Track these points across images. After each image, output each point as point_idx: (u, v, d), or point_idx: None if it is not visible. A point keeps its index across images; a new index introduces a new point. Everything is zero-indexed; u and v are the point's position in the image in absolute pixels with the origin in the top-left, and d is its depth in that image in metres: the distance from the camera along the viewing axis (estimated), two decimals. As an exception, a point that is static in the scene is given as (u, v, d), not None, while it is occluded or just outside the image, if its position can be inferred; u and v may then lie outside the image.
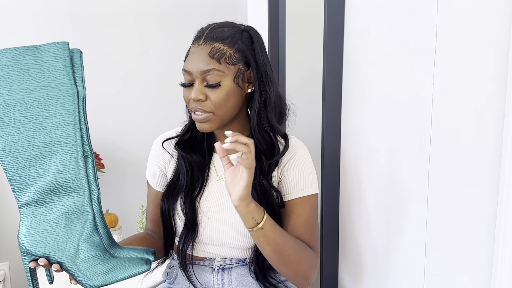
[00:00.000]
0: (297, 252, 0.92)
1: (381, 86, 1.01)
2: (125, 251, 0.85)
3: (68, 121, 0.78)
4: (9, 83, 0.75)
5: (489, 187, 0.73)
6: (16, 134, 0.77)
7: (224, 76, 0.92)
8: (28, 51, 0.76)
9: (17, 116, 0.76)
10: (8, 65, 0.75)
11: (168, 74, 1.86)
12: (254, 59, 0.95)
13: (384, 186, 1.02)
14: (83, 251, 0.80)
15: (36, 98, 0.77)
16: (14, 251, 1.78)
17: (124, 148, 1.86)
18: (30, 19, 1.70)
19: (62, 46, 0.78)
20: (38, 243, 0.79)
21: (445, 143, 0.82)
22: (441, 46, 0.81)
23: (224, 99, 0.92)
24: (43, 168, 0.78)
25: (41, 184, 0.78)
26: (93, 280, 0.80)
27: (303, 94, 1.71)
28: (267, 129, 0.98)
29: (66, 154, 0.79)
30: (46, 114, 0.77)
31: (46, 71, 0.77)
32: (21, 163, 0.77)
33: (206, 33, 0.94)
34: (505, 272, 0.70)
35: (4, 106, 0.76)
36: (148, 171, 1.09)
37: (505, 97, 0.68)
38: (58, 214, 0.79)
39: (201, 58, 0.92)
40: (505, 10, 0.68)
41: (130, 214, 1.82)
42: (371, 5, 1.03)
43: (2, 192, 1.71)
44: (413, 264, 0.94)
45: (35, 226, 0.79)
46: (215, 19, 1.04)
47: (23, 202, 0.79)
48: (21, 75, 0.76)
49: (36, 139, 0.77)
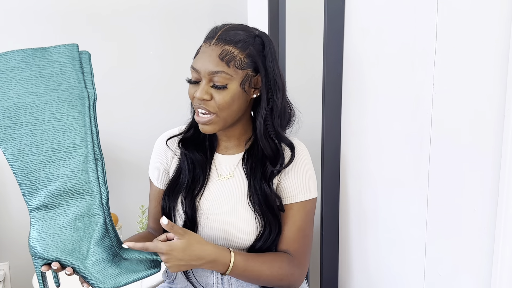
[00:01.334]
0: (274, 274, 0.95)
1: (381, 86, 1.01)
2: (133, 253, 0.85)
3: (79, 124, 0.77)
4: (18, 86, 0.74)
5: (489, 187, 0.73)
6: (27, 138, 0.75)
7: (231, 80, 0.92)
8: (38, 53, 0.75)
9: (28, 119, 0.75)
10: (17, 67, 0.74)
11: (168, 74, 1.86)
12: (264, 66, 0.95)
13: (384, 186, 1.02)
14: (95, 254, 0.80)
15: (47, 101, 0.75)
16: (14, 251, 1.78)
17: (124, 148, 1.86)
18: (32, 20, 1.69)
19: (72, 48, 0.77)
20: (50, 247, 0.78)
21: (445, 143, 0.82)
22: (441, 46, 0.81)
23: (228, 102, 0.92)
24: (54, 171, 0.77)
25: (52, 188, 0.77)
26: (105, 283, 0.80)
27: (303, 94, 1.71)
28: (273, 137, 0.98)
29: (78, 158, 0.78)
30: (57, 117, 0.76)
31: (57, 74, 0.76)
32: (32, 166, 0.76)
33: (219, 34, 0.94)
34: (505, 272, 0.70)
35: (15, 109, 0.74)
36: (150, 169, 1.09)
37: (505, 97, 0.68)
38: (69, 218, 0.78)
39: (211, 58, 0.92)
40: (505, 10, 0.68)
41: (130, 214, 1.82)
42: (371, 5, 1.03)
43: (2, 193, 1.71)
44: (413, 264, 0.94)
45: (47, 230, 0.78)
46: (215, 19, 1.04)
47: (34, 206, 0.77)
48: (31, 77, 0.74)
49: (47, 143, 0.76)
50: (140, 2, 1.81)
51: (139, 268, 0.83)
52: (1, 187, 1.71)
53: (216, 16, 1.87)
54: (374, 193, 1.07)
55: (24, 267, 1.77)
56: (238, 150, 1.03)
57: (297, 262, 0.98)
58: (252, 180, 0.98)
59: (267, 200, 0.97)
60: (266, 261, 0.94)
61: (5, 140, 0.75)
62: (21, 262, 1.78)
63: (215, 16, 1.88)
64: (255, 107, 1.00)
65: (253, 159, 0.99)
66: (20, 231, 1.76)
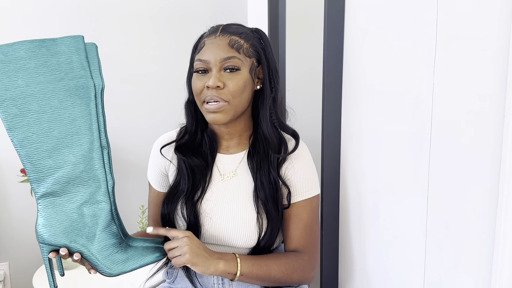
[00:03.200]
0: (285, 272, 0.94)
1: (381, 86, 1.01)
2: (138, 241, 0.86)
3: (85, 113, 0.79)
4: (26, 75, 0.76)
5: (489, 187, 0.73)
6: (35, 125, 0.77)
7: (243, 65, 0.94)
8: (45, 43, 0.77)
9: (35, 107, 0.76)
10: (24, 57, 0.75)
11: (169, 74, 1.86)
12: (265, 56, 0.98)
13: (384, 186, 1.02)
14: (102, 240, 0.81)
15: (54, 90, 0.77)
16: (14, 251, 1.78)
17: (124, 148, 1.86)
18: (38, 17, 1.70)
19: (78, 39, 0.79)
20: (57, 233, 0.79)
21: (445, 143, 0.82)
22: (441, 46, 0.81)
23: (241, 87, 0.94)
24: (62, 159, 0.78)
25: (60, 175, 0.79)
26: (112, 269, 0.82)
27: (303, 94, 1.71)
28: (276, 125, 1.00)
29: (84, 145, 0.79)
30: (64, 105, 0.78)
31: (64, 64, 0.77)
32: (39, 154, 0.78)
33: (221, 28, 0.97)
34: (505, 272, 0.70)
35: (23, 98, 0.76)
36: (149, 172, 1.09)
37: (505, 97, 0.68)
38: (76, 204, 0.80)
39: (220, 47, 0.93)
40: (505, 10, 0.68)
41: (130, 214, 1.82)
42: (371, 5, 1.03)
43: (2, 193, 1.71)
44: (413, 264, 0.94)
45: (54, 217, 0.79)
46: (216, 19, 1.05)
47: (41, 193, 0.79)
48: (39, 67, 0.76)
49: (54, 130, 0.78)
50: (142, 4, 1.82)
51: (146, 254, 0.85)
52: (1, 187, 1.71)
53: (216, 16, 1.88)
54: (374, 193, 1.07)
55: (24, 267, 1.78)
56: (239, 149, 1.03)
57: (306, 258, 0.99)
58: (259, 176, 0.98)
59: (275, 193, 0.97)
60: (270, 258, 0.95)
61: (13, 128, 0.76)
62: (21, 262, 1.79)
63: (216, 16, 1.88)
64: (255, 103, 1.01)
65: (258, 155, 1.00)
66: (20, 231, 1.76)
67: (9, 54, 0.75)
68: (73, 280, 1.54)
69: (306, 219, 0.99)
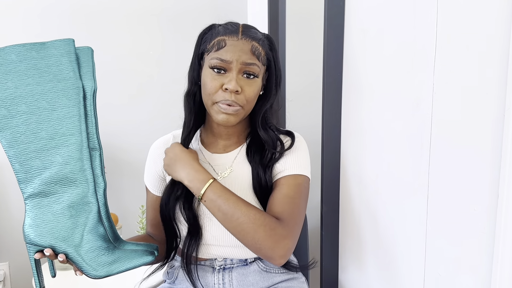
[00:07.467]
0: (251, 220, 0.86)
1: (381, 86, 1.01)
2: (128, 245, 0.86)
3: (73, 114, 0.80)
4: (16, 77, 0.77)
5: (489, 187, 0.73)
6: (23, 126, 0.78)
7: (260, 73, 0.95)
8: (35, 47, 0.78)
9: (24, 108, 0.78)
10: (15, 60, 0.77)
11: (168, 75, 1.86)
12: (275, 65, 1.00)
13: (384, 186, 1.02)
14: (88, 242, 0.81)
15: (42, 91, 0.78)
16: (14, 251, 1.78)
17: (124, 149, 1.86)
18: (37, 19, 1.70)
19: (68, 42, 0.80)
20: (43, 234, 0.79)
21: (445, 143, 0.82)
22: (441, 46, 0.81)
23: (256, 94, 0.95)
24: (49, 159, 0.79)
25: (47, 175, 0.79)
26: (98, 271, 0.82)
27: (303, 94, 1.72)
28: (273, 128, 1.02)
29: (71, 146, 0.80)
30: (52, 106, 0.79)
31: (53, 66, 0.79)
32: (27, 154, 0.78)
33: (241, 30, 0.95)
34: (505, 272, 0.70)
35: (12, 99, 0.77)
36: (146, 176, 1.08)
37: (505, 97, 0.68)
38: (63, 205, 0.80)
39: (243, 51, 0.92)
40: (505, 10, 0.68)
41: (130, 214, 1.83)
42: (371, 5, 1.03)
43: (2, 193, 1.71)
44: (413, 264, 0.94)
45: (41, 217, 0.80)
46: (216, 19, 1.04)
47: (29, 193, 0.79)
48: (28, 69, 0.78)
49: (42, 131, 0.79)
50: (140, 3, 1.82)
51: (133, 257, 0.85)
52: (1, 187, 1.71)
53: (217, 16, 1.88)
54: (374, 193, 1.07)
55: (24, 267, 1.78)
56: (235, 147, 1.04)
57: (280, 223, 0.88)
58: (255, 166, 0.99)
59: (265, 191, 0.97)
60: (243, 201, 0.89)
61: (2, 129, 0.78)
62: (21, 262, 1.79)
63: (216, 16, 1.88)
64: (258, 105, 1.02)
65: (253, 148, 1.02)
66: (20, 231, 1.76)
67: (1, 57, 0.76)
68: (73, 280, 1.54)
69: (286, 190, 0.94)
